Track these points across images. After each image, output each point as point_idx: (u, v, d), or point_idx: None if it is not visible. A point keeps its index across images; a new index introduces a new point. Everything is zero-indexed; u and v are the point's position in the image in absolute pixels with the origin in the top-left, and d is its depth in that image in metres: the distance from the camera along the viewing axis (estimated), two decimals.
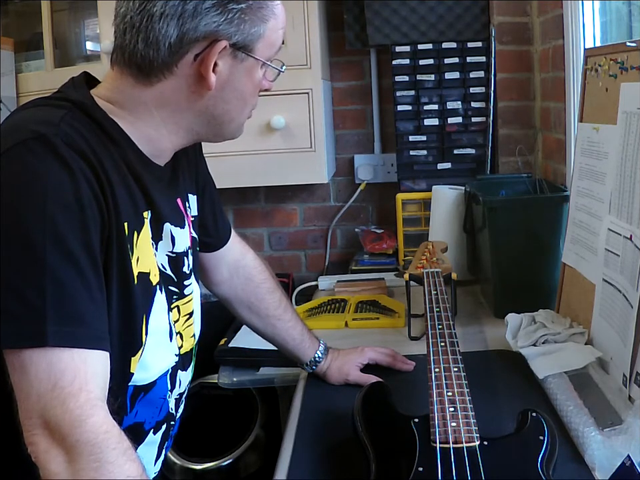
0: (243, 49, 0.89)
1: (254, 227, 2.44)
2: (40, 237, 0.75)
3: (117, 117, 0.89)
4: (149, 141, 0.92)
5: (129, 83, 0.90)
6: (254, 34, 0.89)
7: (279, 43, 0.95)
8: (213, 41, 0.86)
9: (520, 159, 2.05)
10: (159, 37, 0.85)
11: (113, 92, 0.91)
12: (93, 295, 0.78)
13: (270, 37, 0.91)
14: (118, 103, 0.90)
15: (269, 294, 1.28)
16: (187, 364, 1.05)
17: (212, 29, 0.86)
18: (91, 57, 2.19)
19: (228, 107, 0.93)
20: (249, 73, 0.92)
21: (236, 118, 0.96)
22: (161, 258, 0.96)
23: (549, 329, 1.33)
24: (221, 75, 0.89)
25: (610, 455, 0.93)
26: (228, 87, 0.91)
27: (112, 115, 0.89)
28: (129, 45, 0.87)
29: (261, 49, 0.91)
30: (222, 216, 1.22)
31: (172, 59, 0.87)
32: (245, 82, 0.92)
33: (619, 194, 1.19)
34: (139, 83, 0.89)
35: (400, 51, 2.12)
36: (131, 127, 0.90)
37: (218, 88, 0.90)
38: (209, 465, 1.81)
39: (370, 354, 1.33)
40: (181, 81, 0.89)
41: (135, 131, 0.90)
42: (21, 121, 0.84)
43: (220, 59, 0.88)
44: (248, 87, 0.93)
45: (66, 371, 0.74)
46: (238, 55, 0.89)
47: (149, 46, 0.86)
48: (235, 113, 0.95)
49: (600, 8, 1.64)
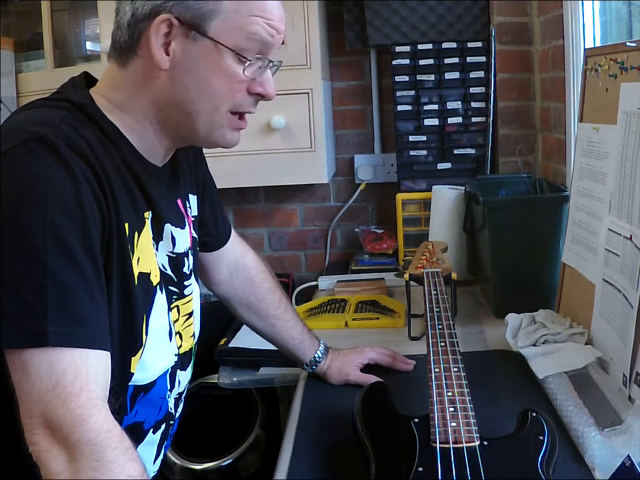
0: (194, 28, 0.85)
1: (254, 227, 2.44)
2: (40, 238, 0.75)
3: (113, 116, 0.89)
4: (140, 138, 0.92)
5: (115, 70, 0.91)
6: (201, 10, 0.84)
7: (252, 31, 0.87)
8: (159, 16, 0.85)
9: (520, 158, 2.05)
10: (122, 18, 0.88)
11: (107, 86, 0.92)
12: (93, 295, 0.78)
13: (232, 19, 0.86)
14: (112, 98, 0.90)
15: (268, 294, 1.28)
16: (187, 363, 1.05)
17: (157, 3, 0.85)
18: (90, 56, 2.19)
19: (188, 94, 0.88)
20: (208, 57, 0.87)
21: (203, 111, 0.90)
22: (162, 258, 0.96)
23: (549, 329, 1.33)
24: (175, 55, 0.86)
25: (610, 455, 0.93)
26: (183, 69, 0.87)
27: (109, 115, 0.89)
28: (113, 33, 0.90)
29: (219, 30, 0.86)
30: (222, 215, 1.22)
31: (132, 39, 0.88)
32: (203, 66, 0.87)
33: (618, 194, 1.19)
34: (120, 69, 0.91)
35: (400, 51, 2.12)
36: (125, 127, 0.90)
37: (173, 69, 0.87)
38: (209, 465, 1.81)
39: (370, 354, 1.33)
40: (144, 62, 0.88)
41: (129, 130, 0.90)
42: (21, 122, 0.84)
43: (174, 38, 0.86)
44: (209, 73, 0.87)
45: (67, 371, 0.74)
46: (190, 35, 0.86)
47: (119, 28, 0.89)
48: (201, 104, 0.89)
49: (600, 8, 1.64)
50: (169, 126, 0.93)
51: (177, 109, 0.90)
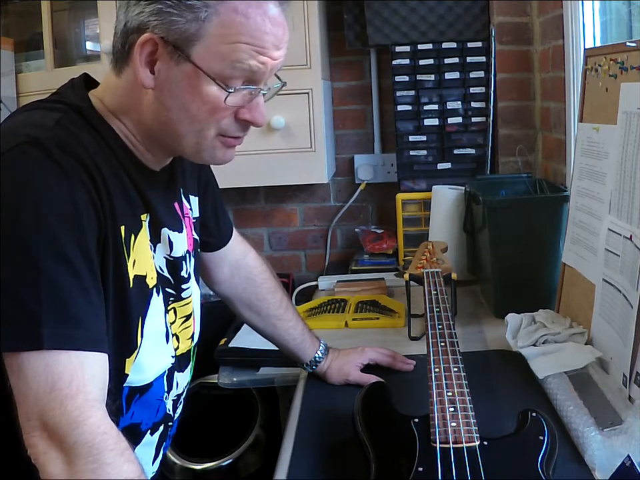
0: (178, 50, 0.82)
1: (254, 227, 2.44)
2: (36, 241, 0.75)
3: (110, 120, 0.89)
4: (133, 145, 0.91)
5: (112, 76, 0.91)
6: (184, 32, 0.81)
7: (238, 59, 0.83)
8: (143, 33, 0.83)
9: (520, 158, 2.05)
10: (118, 25, 0.87)
11: (105, 90, 0.92)
12: (89, 297, 0.78)
13: (216, 45, 0.81)
14: (108, 103, 0.90)
15: (269, 294, 1.28)
16: (184, 365, 1.04)
17: (143, 20, 0.83)
18: (90, 56, 2.19)
19: (170, 116, 0.86)
20: (189, 81, 0.83)
21: (188, 133, 0.87)
22: (159, 260, 0.96)
23: (548, 328, 1.33)
24: (159, 75, 0.84)
25: (610, 455, 0.93)
26: (166, 90, 0.85)
27: (106, 117, 0.89)
28: (113, 37, 0.90)
29: (202, 55, 0.82)
30: (224, 215, 1.21)
31: (124, 49, 0.87)
32: (184, 89, 0.84)
33: (619, 194, 1.19)
34: (115, 75, 0.90)
35: (400, 51, 2.12)
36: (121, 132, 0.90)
37: (157, 89, 0.85)
38: (209, 465, 1.81)
39: (370, 354, 1.33)
40: (133, 74, 0.86)
41: (124, 135, 0.90)
42: (16, 124, 0.84)
43: (159, 57, 0.83)
44: (190, 98, 0.84)
45: (63, 373, 0.74)
46: (174, 57, 0.83)
47: (115, 34, 0.88)
48: (183, 127, 0.86)
49: (600, 8, 1.64)
50: (156, 142, 0.91)
51: (163, 128, 0.88)
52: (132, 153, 0.91)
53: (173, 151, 0.94)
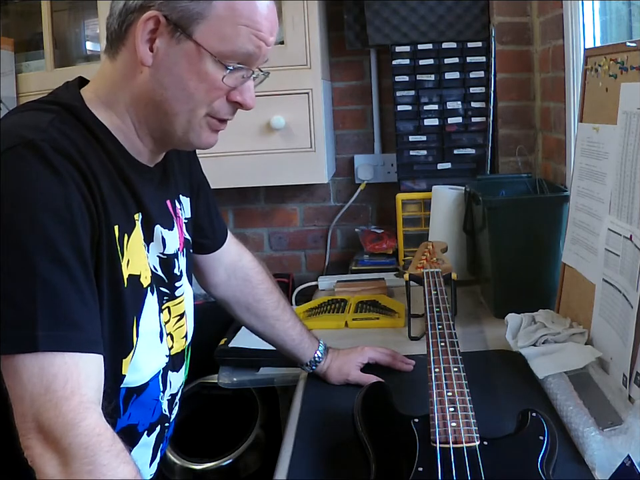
0: (180, 28, 0.84)
1: (254, 227, 2.44)
2: (30, 243, 0.75)
3: (101, 114, 0.89)
4: (126, 138, 0.91)
5: (106, 63, 0.91)
6: (190, 11, 0.84)
7: (238, 40, 0.86)
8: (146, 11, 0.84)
9: (520, 158, 2.05)
10: (115, 5, 0.88)
11: (97, 80, 0.93)
12: (84, 299, 0.78)
13: (219, 25, 0.85)
14: (100, 93, 0.91)
15: (267, 295, 1.28)
16: (178, 365, 1.04)
17: None
18: (90, 56, 2.19)
19: (166, 94, 0.88)
20: (189, 59, 0.86)
21: (180, 112, 0.89)
22: (153, 259, 0.96)
23: (549, 329, 1.33)
24: (158, 53, 0.86)
25: (610, 455, 0.93)
26: (164, 68, 0.87)
27: (98, 114, 0.89)
28: (107, 20, 0.90)
29: (204, 34, 0.85)
30: (218, 217, 1.21)
31: (121, 30, 0.88)
32: (183, 67, 0.86)
33: (618, 194, 1.19)
34: (110, 61, 0.91)
35: (400, 51, 2.12)
36: (113, 126, 0.90)
37: (155, 67, 0.87)
38: (209, 465, 1.81)
39: (370, 353, 1.33)
40: (130, 55, 0.88)
41: (116, 129, 0.90)
42: (9, 126, 0.83)
43: (159, 35, 0.85)
44: (189, 76, 0.86)
45: (58, 375, 0.74)
46: (175, 35, 0.85)
47: (111, 15, 0.89)
48: (178, 105, 0.88)
49: (600, 8, 1.64)
50: (147, 125, 0.92)
51: (156, 108, 0.89)
52: (125, 151, 0.91)
53: (163, 134, 0.93)
